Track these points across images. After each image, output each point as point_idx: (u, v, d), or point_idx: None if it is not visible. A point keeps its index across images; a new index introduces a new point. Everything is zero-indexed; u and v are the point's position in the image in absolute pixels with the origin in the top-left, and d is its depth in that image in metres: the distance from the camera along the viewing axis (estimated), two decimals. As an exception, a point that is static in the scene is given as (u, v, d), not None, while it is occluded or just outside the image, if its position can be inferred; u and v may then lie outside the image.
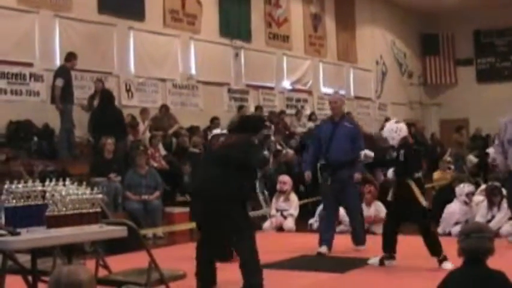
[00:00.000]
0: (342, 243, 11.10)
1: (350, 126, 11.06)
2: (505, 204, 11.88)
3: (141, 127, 16.23)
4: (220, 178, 7.58)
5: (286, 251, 10.69)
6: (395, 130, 9.43)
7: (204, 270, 7.89)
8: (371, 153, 9.85)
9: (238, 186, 7.63)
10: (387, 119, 22.86)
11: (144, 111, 16.62)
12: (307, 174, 11.25)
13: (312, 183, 11.63)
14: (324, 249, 10.60)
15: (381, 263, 9.40)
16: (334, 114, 11.06)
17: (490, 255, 4.63)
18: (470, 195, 12.43)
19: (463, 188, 12.54)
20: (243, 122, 8.87)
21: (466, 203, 12.39)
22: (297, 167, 16.24)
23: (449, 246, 8.79)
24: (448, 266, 8.55)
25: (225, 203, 7.53)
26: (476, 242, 4.56)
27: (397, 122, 9.72)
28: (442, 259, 9.04)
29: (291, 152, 17.59)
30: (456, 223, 12.21)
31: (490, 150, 19.39)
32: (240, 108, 19.13)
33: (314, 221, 13.73)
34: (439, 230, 12.21)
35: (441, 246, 9.14)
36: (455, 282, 4.64)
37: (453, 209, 12.49)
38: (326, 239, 10.70)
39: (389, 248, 9.38)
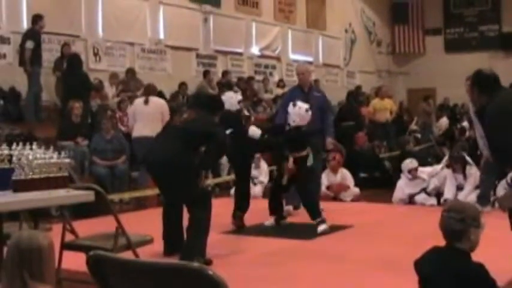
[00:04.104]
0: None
1: (319, 96, 11.27)
2: (471, 171, 11.99)
3: (110, 91, 16.13)
4: (179, 150, 7.53)
5: (253, 217, 10.70)
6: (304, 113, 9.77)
7: (170, 232, 7.91)
8: (257, 131, 9.99)
9: (194, 158, 7.64)
10: (358, 87, 23.20)
11: (113, 75, 16.52)
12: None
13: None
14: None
15: (277, 223, 10.21)
16: (303, 85, 11.20)
17: (459, 239, 4.24)
18: (413, 171, 12.59)
19: (406, 165, 12.75)
20: (202, 99, 8.98)
21: (410, 179, 12.59)
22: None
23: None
24: (323, 227, 9.36)
25: (181, 173, 7.51)
26: (445, 220, 4.29)
27: (307, 110, 9.86)
28: (319, 222, 9.49)
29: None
30: (422, 189, 12.48)
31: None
32: (206, 72, 19.06)
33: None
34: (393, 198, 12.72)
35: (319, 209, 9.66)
36: (430, 261, 4.35)
37: (400, 184, 12.78)
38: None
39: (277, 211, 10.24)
